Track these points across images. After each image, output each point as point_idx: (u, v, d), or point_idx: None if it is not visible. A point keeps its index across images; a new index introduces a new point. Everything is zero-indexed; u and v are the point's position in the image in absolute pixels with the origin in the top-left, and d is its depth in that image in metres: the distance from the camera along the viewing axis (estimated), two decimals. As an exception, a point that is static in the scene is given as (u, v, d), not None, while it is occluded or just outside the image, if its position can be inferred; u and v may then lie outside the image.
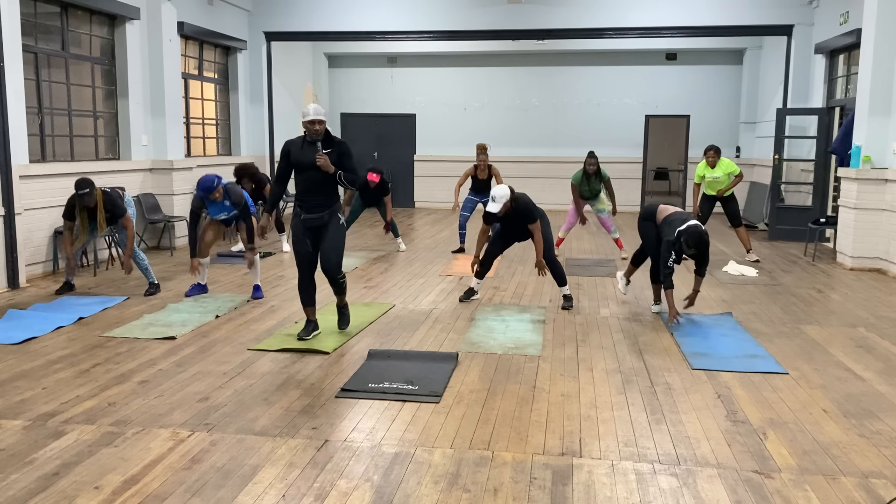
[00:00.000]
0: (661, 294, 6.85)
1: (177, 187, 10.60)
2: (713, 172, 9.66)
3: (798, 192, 12.45)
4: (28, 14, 8.43)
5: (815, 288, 8.01)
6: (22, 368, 5.06)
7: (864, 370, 5.18)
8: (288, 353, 5.47)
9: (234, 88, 13.31)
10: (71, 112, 9.25)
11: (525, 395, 4.63)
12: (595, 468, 3.59)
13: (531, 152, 16.43)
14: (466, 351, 5.54)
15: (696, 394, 4.67)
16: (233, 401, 4.47)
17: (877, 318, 6.68)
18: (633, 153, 16.23)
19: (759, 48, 15.12)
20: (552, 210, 16.38)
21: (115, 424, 4.09)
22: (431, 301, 7.25)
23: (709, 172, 9.68)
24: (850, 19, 10.68)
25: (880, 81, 9.04)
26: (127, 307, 6.85)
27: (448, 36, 13.73)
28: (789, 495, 3.34)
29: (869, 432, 4.07)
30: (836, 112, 11.51)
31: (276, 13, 13.54)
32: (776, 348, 5.69)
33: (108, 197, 7.28)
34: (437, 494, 3.31)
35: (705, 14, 12.63)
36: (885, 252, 8.91)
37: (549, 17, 12.92)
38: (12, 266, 7.58)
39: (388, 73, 16.99)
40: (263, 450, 3.77)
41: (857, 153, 9.24)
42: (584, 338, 5.98)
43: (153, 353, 5.43)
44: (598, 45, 15.51)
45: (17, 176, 7.65)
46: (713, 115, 15.73)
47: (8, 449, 3.76)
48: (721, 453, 3.78)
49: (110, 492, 3.31)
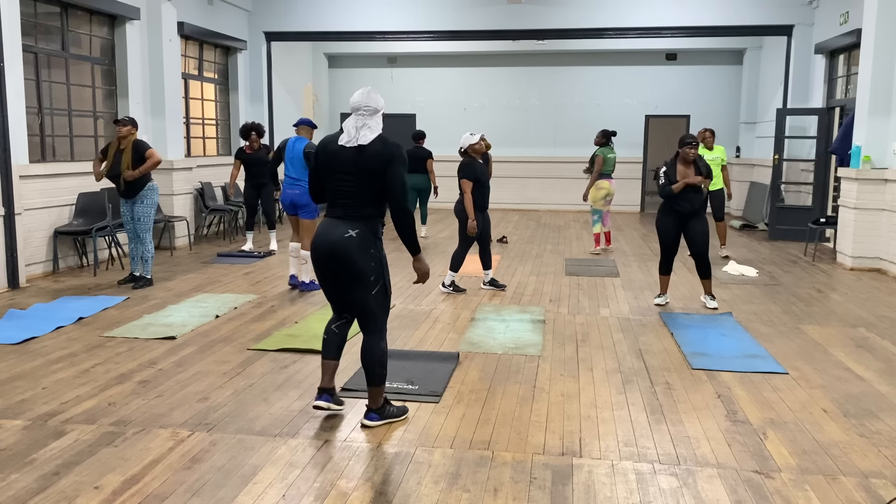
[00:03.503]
0: (666, 287, 7.14)
1: (177, 187, 10.59)
2: (710, 154, 9.70)
3: (798, 192, 12.45)
4: (28, 14, 8.43)
5: (815, 288, 8.01)
6: (22, 368, 5.06)
7: (864, 370, 5.18)
8: (288, 353, 5.47)
9: (234, 88, 13.31)
10: (71, 112, 9.25)
11: (525, 394, 4.63)
12: (595, 468, 3.59)
13: (531, 152, 16.43)
14: (466, 351, 5.54)
15: (696, 394, 4.67)
16: (233, 401, 4.47)
17: (877, 318, 6.68)
18: (633, 153, 16.23)
19: (759, 48, 15.12)
20: (552, 210, 16.40)
21: (115, 424, 4.09)
22: (431, 301, 7.25)
23: (706, 154, 9.69)
24: (850, 19, 10.68)
25: (880, 81, 9.04)
26: (127, 307, 6.85)
27: (448, 36, 13.74)
28: (789, 495, 3.34)
29: (869, 432, 4.07)
30: (836, 112, 11.51)
31: (276, 13, 13.54)
32: (776, 348, 5.69)
33: (138, 142, 7.61)
34: (437, 494, 3.31)
35: (705, 14, 12.64)
36: (885, 252, 8.90)
37: (549, 17, 12.92)
38: (12, 266, 7.58)
39: (388, 73, 17.00)
40: (263, 450, 3.77)
41: (857, 153, 9.24)
42: (584, 338, 5.98)
43: (153, 353, 5.43)
44: (598, 45, 15.52)
45: (17, 176, 7.65)
46: (713, 116, 15.72)
47: (8, 449, 3.76)
48: (721, 453, 3.78)
49: (110, 492, 3.31)
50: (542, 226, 13.66)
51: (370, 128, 3.91)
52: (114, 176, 7.57)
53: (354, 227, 3.89)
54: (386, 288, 4.01)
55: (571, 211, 16.23)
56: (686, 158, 6.76)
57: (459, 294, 7.57)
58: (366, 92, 3.97)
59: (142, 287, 7.58)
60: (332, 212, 3.99)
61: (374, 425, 4.05)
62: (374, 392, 4.07)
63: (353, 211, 3.91)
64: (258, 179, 10.04)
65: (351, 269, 3.89)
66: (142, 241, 7.70)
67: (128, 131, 7.51)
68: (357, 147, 3.88)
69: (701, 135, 9.86)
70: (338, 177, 3.92)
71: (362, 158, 3.87)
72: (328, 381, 4.17)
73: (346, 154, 3.90)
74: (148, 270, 7.72)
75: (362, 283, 3.91)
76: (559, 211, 16.24)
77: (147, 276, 7.72)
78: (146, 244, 7.70)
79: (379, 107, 3.96)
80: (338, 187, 3.93)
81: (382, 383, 4.07)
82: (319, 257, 3.96)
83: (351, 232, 3.88)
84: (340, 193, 3.93)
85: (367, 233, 3.91)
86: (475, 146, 7.41)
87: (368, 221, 3.92)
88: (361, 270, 3.89)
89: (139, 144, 7.57)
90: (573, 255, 10.28)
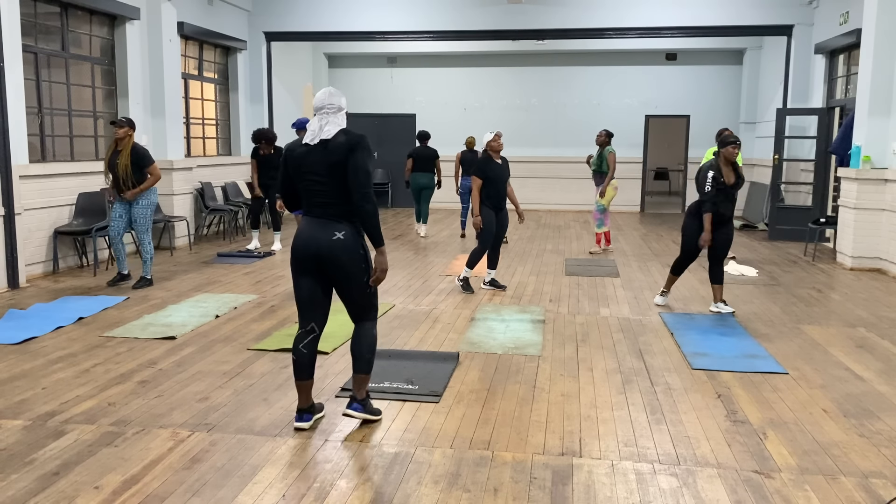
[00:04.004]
0: (671, 285, 7.13)
1: (177, 187, 10.59)
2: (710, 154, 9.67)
3: (798, 192, 12.45)
4: (28, 14, 8.43)
5: (815, 288, 8.00)
6: (22, 368, 5.06)
7: (864, 370, 5.18)
8: (288, 353, 5.45)
9: (234, 88, 13.31)
10: (71, 112, 9.25)
11: (525, 395, 4.63)
12: (595, 468, 3.59)
13: (531, 152, 16.42)
14: (466, 351, 5.54)
15: (696, 394, 4.67)
16: (233, 401, 4.47)
17: (877, 318, 6.68)
18: (634, 153, 16.22)
19: (759, 48, 15.12)
20: (552, 210, 16.40)
21: (115, 424, 4.09)
22: (431, 301, 7.25)
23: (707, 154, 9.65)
24: (850, 19, 10.68)
25: (880, 81, 9.04)
26: (127, 307, 6.85)
27: (448, 36, 13.74)
28: (789, 495, 3.34)
29: (869, 432, 4.07)
30: (836, 112, 11.51)
31: (276, 13, 13.54)
32: (776, 348, 5.69)
33: (137, 146, 7.55)
34: (437, 494, 3.31)
35: (705, 14, 12.64)
36: (885, 252, 8.90)
37: (549, 17, 12.92)
38: (12, 266, 7.58)
39: (388, 73, 17.00)
40: (263, 450, 3.77)
41: (857, 153, 9.24)
42: (584, 338, 5.98)
43: (153, 353, 5.43)
44: (598, 45, 15.52)
45: (17, 176, 7.65)
46: (713, 116, 15.73)
47: (8, 449, 3.76)
48: (721, 453, 3.78)
49: (110, 492, 3.31)
50: (542, 226, 13.66)
51: (333, 123, 3.90)
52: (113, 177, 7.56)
53: (340, 229, 3.87)
54: None
55: (571, 211, 16.23)
56: (729, 159, 6.43)
57: (460, 294, 7.56)
58: (328, 91, 3.97)
59: (142, 287, 7.59)
60: (311, 211, 3.96)
61: (357, 416, 4.05)
62: (361, 380, 4.06)
63: (331, 210, 3.89)
64: (268, 180, 10.06)
65: (342, 271, 3.90)
66: (140, 241, 7.70)
67: (125, 133, 7.48)
68: (321, 143, 3.87)
69: None
70: (309, 178, 3.89)
71: (327, 153, 3.85)
72: (306, 400, 4.09)
73: (313, 153, 3.88)
74: (147, 271, 7.73)
75: (355, 282, 3.93)
76: (559, 211, 16.24)
77: (147, 277, 7.73)
78: (145, 245, 7.69)
79: (342, 105, 3.95)
80: (311, 188, 3.91)
81: (370, 371, 4.09)
82: (305, 257, 3.92)
83: (338, 234, 3.86)
84: (315, 193, 3.90)
85: (354, 232, 3.90)
86: (491, 143, 7.46)
87: (352, 219, 3.91)
88: (353, 272, 3.90)
89: (139, 151, 7.51)
90: (573, 255, 10.28)
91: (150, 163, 7.55)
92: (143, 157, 7.51)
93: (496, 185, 7.45)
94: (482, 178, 7.41)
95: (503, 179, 7.53)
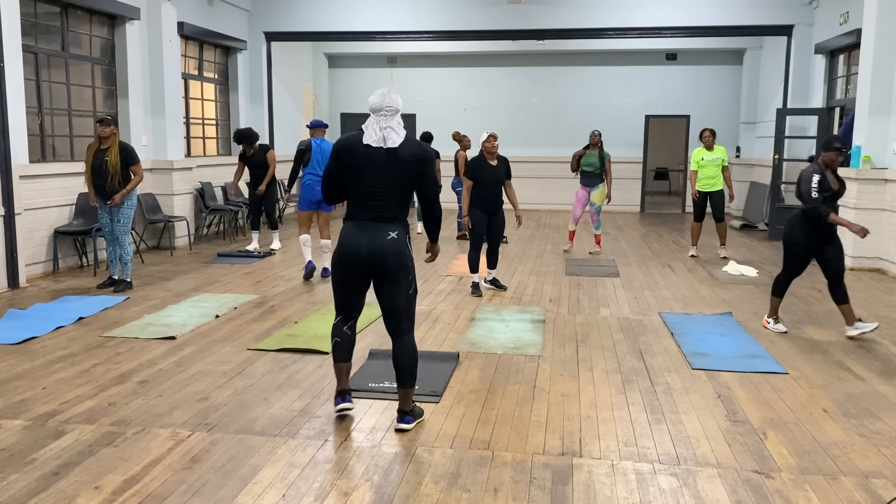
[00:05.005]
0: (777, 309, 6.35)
1: (177, 187, 10.59)
2: (711, 154, 9.65)
3: (798, 192, 12.44)
4: (28, 14, 8.43)
5: (815, 288, 8.00)
6: (22, 368, 5.06)
7: (864, 370, 5.18)
8: (288, 353, 5.47)
9: (234, 88, 13.31)
10: (71, 112, 9.25)
11: (525, 395, 4.62)
12: (595, 468, 3.59)
13: (531, 152, 16.42)
14: (466, 351, 5.54)
15: (696, 394, 4.67)
16: (233, 401, 4.47)
17: (877, 318, 6.68)
18: (633, 153, 16.23)
19: (759, 48, 15.12)
20: (552, 210, 16.40)
21: (115, 424, 4.09)
22: (431, 301, 7.25)
23: (707, 155, 9.67)
24: (850, 19, 10.68)
25: (880, 81, 9.04)
26: (127, 307, 6.85)
27: (448, 36, 13.74)
28: (789, 495, 3.34)
29: (869, 432, 4.07)
30: (836, 112, 11.51)
31: (276, 13, 13.54)
32: (776, 348, 5.69)
33: (125, 144, 7.56)
34: (437, 494, 3.31)
35: (705, 14, 12.64)
36: (885, 252, 8.91)
37: (549, 17, 12.92)
38: (12, 266, 7.58)
39: (388, 73, 16.99)
40: (263, 450, 3.77)
41: (857, 153, 9.23)
42: (584, 338, 5.98)
43: (153, 353, 5.43)
44: (598, 45, 15.52)
45: (17, 176, 7.65)
46: (713, 116, 15.73)
47: (8, 449, 3.76)
48: (721, 453, 3.78)
49: (110, 492, 3.31)
50: (542, 226, 13.66)
51: (394, 129, 3.93)
52: (98, 178, 7.38)
53: (394, 229, 3.93)
54: (416, 288, 4.09)
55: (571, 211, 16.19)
56: (834, 165, 5.90)
57: (460, 294, 7.56)
58: (384, 93, 3.99)
59: (122, 290, 7.43)
60: (361, 214, 3.95)
61: (411, 428, 4.05)
62: (408, 394, 4.07)
63: (386, 212, 3.93)
64: (259, 181, 10.06)
65: (393, 271, 3.92)
66: (120, 243, 7.50)
67: (111, 131, 7.37)
68: (387, 150, 3.91)
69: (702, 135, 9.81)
70: (367, 178, 3.91)
71: (397, 160, 3.89)
72: (345, 382, 4.18)
73: (375, 155, 3.90)
74: (128, 273, 7.57)
75: (400, 283, 3.95)
76: (559, 211, 16.23)
77: (127, 280, 7.57)
78: (125, 246, 7.52)
79: (399, 107, 3.99)
80: (369, 190, 3.92)
81: (415, 384, 4.11)
82: (359, 262, 3.92)
83: (392, 234, 3.92)
84: (373, 196, 3.92)
85: (404, 235, 3.97)
86: (484, 144, 7.47)
87: (403, 223, 4.00)
88: (401, 272, 3.94)
89: (127, 148, 7.47)
90: (573, 255, 10.28)
91: (136, 161, 7.52)
92: (132, 154, 7.48)
93: (485, 188, 7.43)
94: (472, 180, 7.42)
95: (494, 181, 7.50)
